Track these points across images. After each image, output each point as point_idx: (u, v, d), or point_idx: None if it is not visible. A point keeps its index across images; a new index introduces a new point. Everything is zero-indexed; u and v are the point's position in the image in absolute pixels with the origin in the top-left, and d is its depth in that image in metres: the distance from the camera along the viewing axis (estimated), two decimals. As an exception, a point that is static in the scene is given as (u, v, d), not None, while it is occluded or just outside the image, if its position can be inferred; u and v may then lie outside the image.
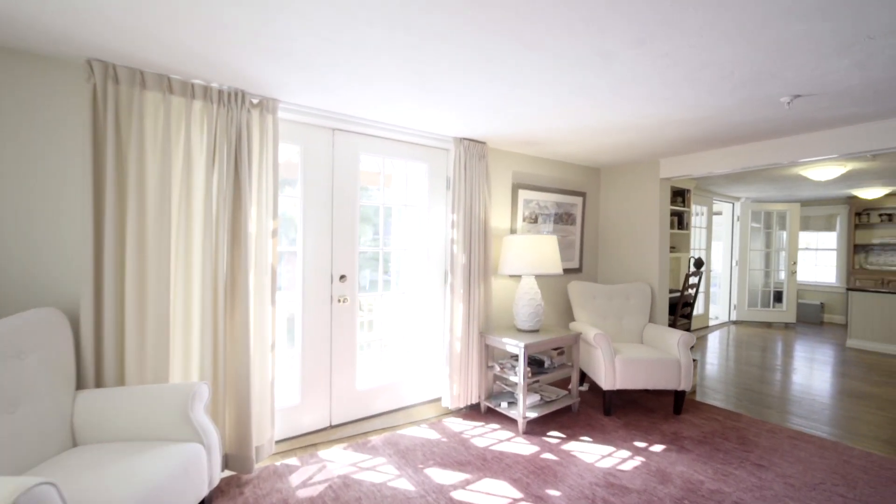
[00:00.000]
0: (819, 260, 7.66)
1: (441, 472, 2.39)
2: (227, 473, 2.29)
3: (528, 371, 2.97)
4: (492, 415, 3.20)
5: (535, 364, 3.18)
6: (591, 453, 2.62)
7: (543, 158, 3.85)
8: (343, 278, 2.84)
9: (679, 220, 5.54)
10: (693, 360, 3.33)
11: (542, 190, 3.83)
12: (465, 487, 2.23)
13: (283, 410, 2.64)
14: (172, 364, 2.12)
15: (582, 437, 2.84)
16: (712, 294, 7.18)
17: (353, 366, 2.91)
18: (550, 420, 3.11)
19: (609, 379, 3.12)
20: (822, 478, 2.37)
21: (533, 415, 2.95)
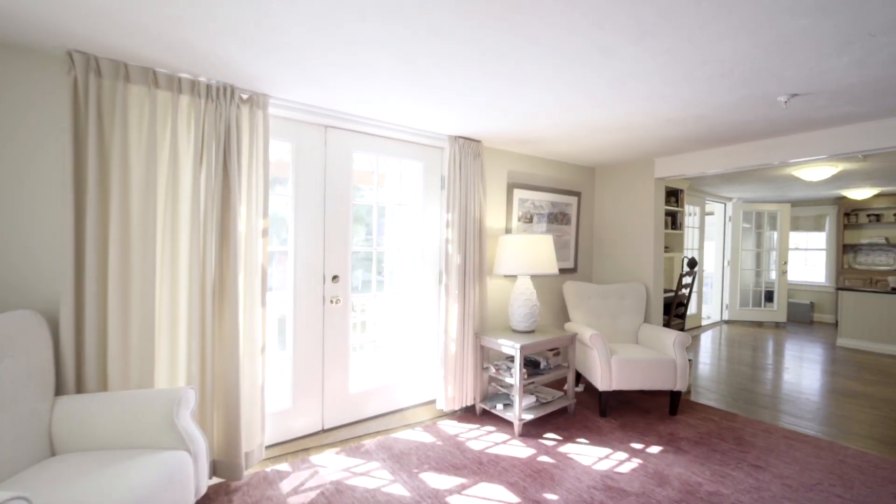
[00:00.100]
0: (809, 260, 7.75)
1: (436, 476, 2.34)
2: (216, 481, 2.22)
3: (524, 372, 2.93)
4: (487, 417, 3.16)
5: (530, 365, 3.15)
6: (589, 455, 2.59)
7: (539, 158, 3.82)
8: (336, 279, 2.78)
9: (672, 220, 5.54)
10: (688, 361, 3.32)
11: (537, 189, 3.79)
12: (461, 492, 2.19)
13: (274, 415, 2.57)
14: (158, 368, 2.05)
15: (578, 439, 2.80)
16: (704, 294, 7.21)
17: (345, 368, 2.85)
18: (546, 422, 3.08)
19: (605, 380, 3.10)
20: (819, 478, 2.36)
21: (529, 417, 2.91)
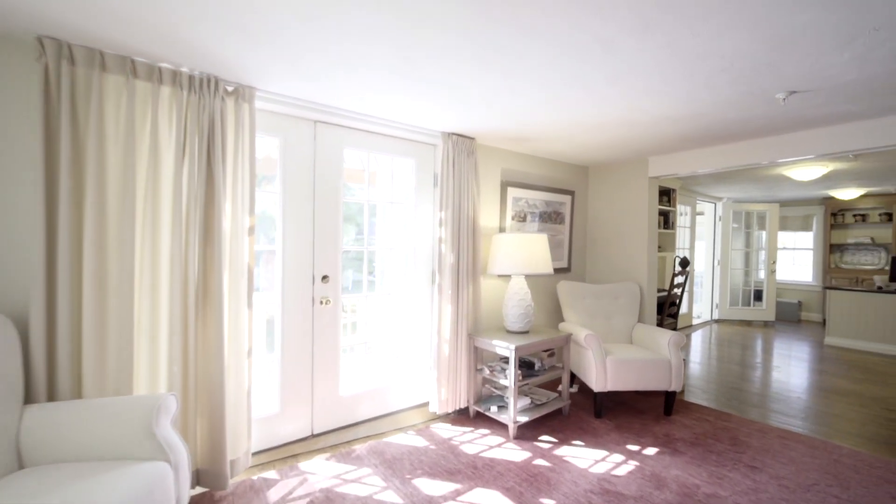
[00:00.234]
0: (796, 259, 7.84)
1: (430, 482, 2.27)
2: (199, 490, 2.12)
3: (519, 374, 2.88)
4: (481, 419, 3.10)
5: (525, 366, 3.09)
6: (585, 458, 2.54)
7: (533, 156, 3.77)
8: (325, 279, 2.69)
9: (665, 220, 5.55)
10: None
11: (531, 188, 3.74)
12: (456, 499, 2.12)
13: (262, 420, 2.47)
14: (137, 374, 1.94)
15: (574, 442, 2.76)
16: (695, 293, 7.25)
17: (336, 371, 2.76)
18: (541, 424, 3.03)
19: (600, 380, 3.06)
20: (816, 479, 2.35)
21: (524, 419, 2.86)
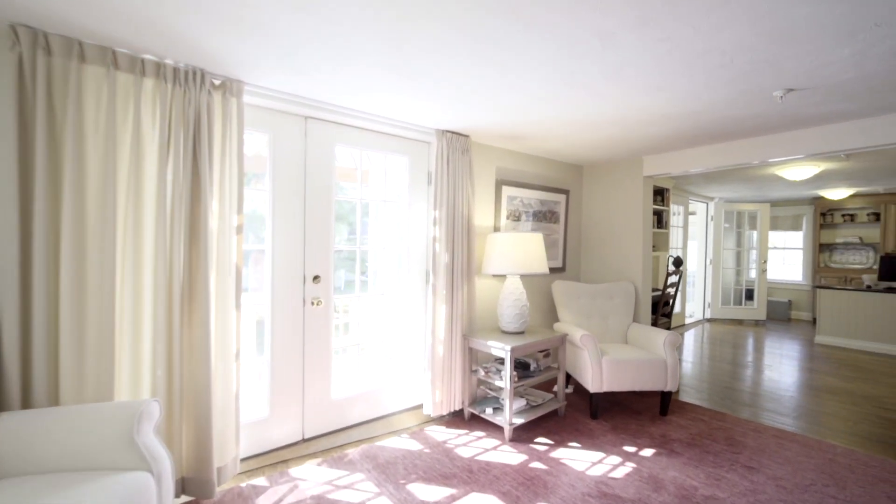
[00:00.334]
0: (786, 259, 7.92)
1: (425, 487, 2.21)
2: (185, 499, 2.04)
3: (515, 375, 2.83)
4: (476, 422, 3.05)
5: (520, 367, 3.05)
6: (581, 460, 2.51)
7: (528, 154, 3.74)
8: (317, 279, 2.62)
9: (658, 220, 5.55)
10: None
11: (526, 187, 3.70)
12: (452, 504, 2.07)
13: (251, 425, 2.40)
14: (119, 379, 1.86)
15: (570, 443, 2.72)
16: (687, 292, 7.28)
17: (327, 373, 2.70)
18: (537, 425, 2.99)
19: (596, 381, 3.03)
20: (812, 478, 2.34)
21: (519, 420, 2.81)
